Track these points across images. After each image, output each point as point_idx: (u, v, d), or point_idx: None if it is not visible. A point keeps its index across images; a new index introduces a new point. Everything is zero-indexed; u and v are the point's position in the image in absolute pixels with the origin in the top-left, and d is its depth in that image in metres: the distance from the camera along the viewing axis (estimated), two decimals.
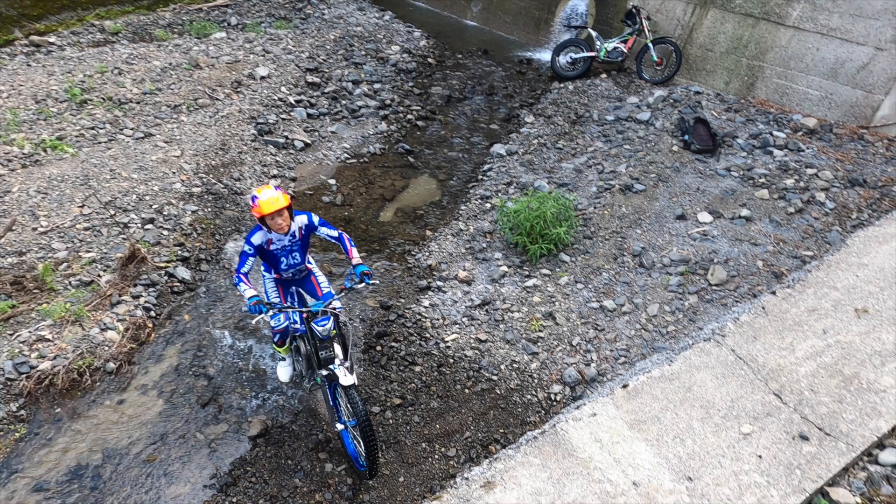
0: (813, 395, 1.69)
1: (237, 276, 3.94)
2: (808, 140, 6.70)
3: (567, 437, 1.66)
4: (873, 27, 6.69)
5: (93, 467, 4.05)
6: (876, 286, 2.04)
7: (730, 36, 7.87)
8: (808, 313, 1.95)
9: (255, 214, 3.88)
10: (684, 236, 5.61)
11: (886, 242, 2.27)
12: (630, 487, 1.50)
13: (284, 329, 4.29)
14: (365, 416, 3.53)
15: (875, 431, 1.63)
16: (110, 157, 6.43)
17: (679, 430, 1.63)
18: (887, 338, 1.84)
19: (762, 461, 1.53)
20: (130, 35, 9.54)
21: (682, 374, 1.79)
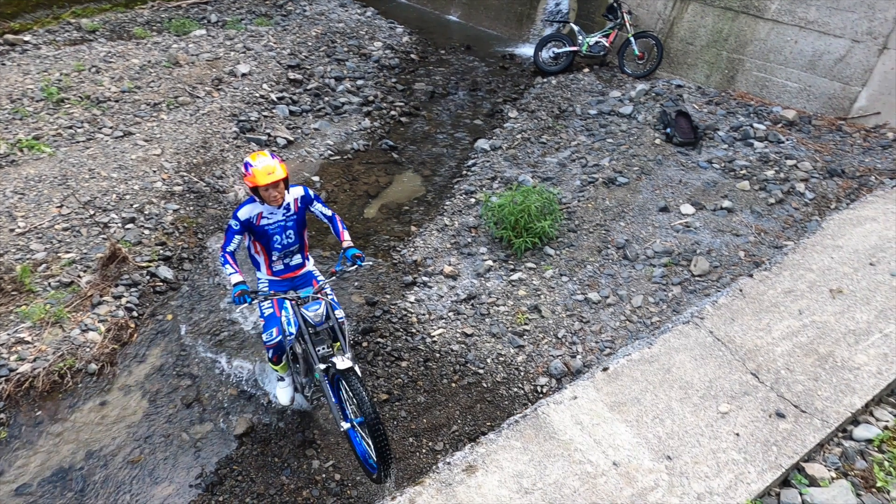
0: (789, 373, 1.73)
1: (223, 255, 3.64)
2: (787, 132, 6.80)
3: (548, 420, 1.68)
4: (850, 20, 6.81)
5: (76, 470, 4.00)
6: (850, 267, 2.08)
7: (710, 29, 7.96)
8: (784, 295, 1.98)
9: (248, 184, 3.50)
10: (667, 228, 5.67)
11: (860, 225, 2.32)
12: (610, 467, 1.52)
13: (278, 344, 3.89)
14: (373, 412, 3.15)
15: (849, 408, 1.67)
16: (89, 157, 6.34)
17: (658, 411, 1.65)
18: (861, 317, 1.88)
19: (740, 439, 1.56)
20: (108, 33, 9.41)
21: (661, 357, 1.82)
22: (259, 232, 3.67)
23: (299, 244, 3.87)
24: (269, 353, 3.97)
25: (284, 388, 4.20)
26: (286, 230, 3.74)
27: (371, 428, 3.15)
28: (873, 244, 2.20)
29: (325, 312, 3.52)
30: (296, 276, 4.02)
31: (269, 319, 3.87)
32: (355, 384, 3.28)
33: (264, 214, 3.64)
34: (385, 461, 3.18)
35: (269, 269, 3.92)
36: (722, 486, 1.48)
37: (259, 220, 3.64)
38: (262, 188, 3.47)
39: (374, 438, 3.16)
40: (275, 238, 3.72)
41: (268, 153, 3.53)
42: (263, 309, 3.87)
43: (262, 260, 3.90)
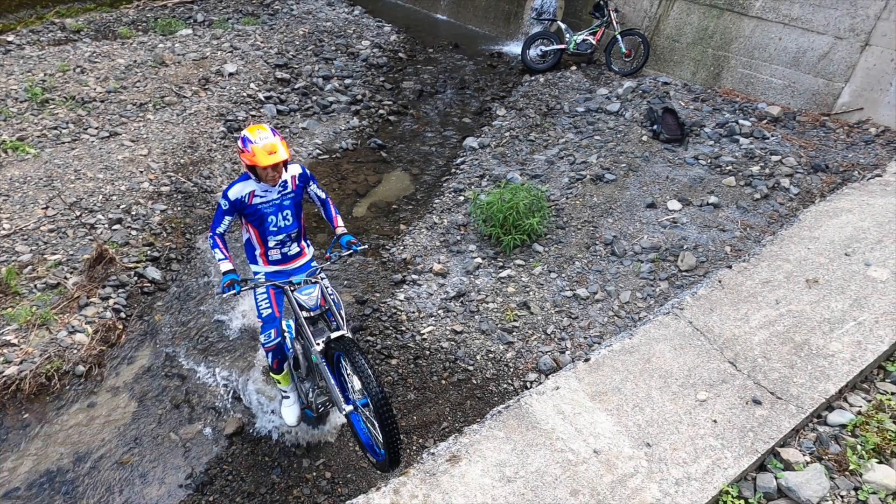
0: (766, 361, 1.77)
1: (212, 236, 3.38)
2: (772, 128, 6.89)
3: (531, 410, 1.71)
4: (832, 16, 6.90)
5: (64, 472, 3.99)
6: (826, 258, 2.14)
7: (695, 27, 8.04)
8: (762, 285, 2.03)
9: (245, 161, 3.17)
10: (655, 224, 5.73)
11: (836, 216, 2.37)
12: (591, 455, 1.56)
13: (278, 346, 3.60)
14: (379, 391, 2.79)
15: (823, 394, 1.71)
16: (74, 158, 6.30)
17: (638, 400, 1.69)
18: (836, 306, 1.93)
19: (717, 425, 1.60)
20: (93, 33, 9.35)
21: (641, 347, 1.86)
22: (251, 212, 3.36)
23: (297, 228, 3.54)
24: (268, 357, 3.67)
25: (290, 406, 3.88)
26: (282, 210, 3.41)
27: (378, 408, 2.79)
28: (849, 235, 2.25)
29: (319, 296, 3.31)
30: (295, 267, 3.69)
31: (268, 320, 3.60)
32: (358, 359, 2.93)
33: (257, 192, 3.33)
34: (394, 446, 2.82)
35: (266, 259, 3.59)
36: (699, 471, 1.53)
37: (251, 198, 3.33)
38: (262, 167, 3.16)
39: (382, 420, 2.80)
40: (269, 219, 3.40)
41: (267, 127, 3.20)
42: (261, 309, 3.58)
43: (257, 246, 3.56)
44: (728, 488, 1.51)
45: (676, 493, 1.48)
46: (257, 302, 3.61)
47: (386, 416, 2.78)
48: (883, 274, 2.04)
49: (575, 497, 1.48)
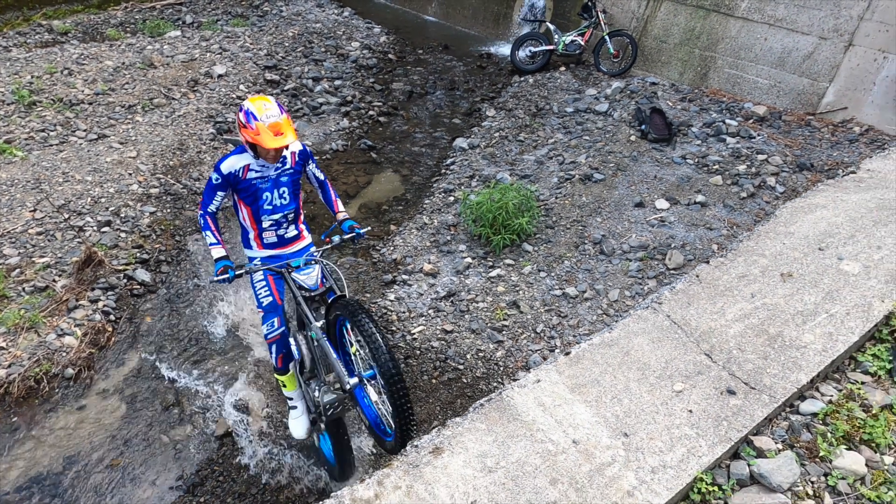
0: (740, 353, 1.83)
1: (202, 215, 3.14)
2: (758, 127, 6.99)
3: (512, 402, 1.77)
4: (817, 17, 7.02)
5: (54, 475, 4.00)
6: (800, 252, 2.20)
7: (683, 28, 8.14)
8: (738, 279, 2.09)
9: (246, 137, 2.89)
10: (643, 223, 5.80)
11: (812, 212, 2.45)
12: (570, 445, 1.61)
13: (282, 338, 3.32)
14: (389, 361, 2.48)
15: (796, 384, 1.77)
16: (62, 160, 6.30)
17: (617, 391, 1.75)
18: (809, 298, 2.00)
19: (692, 415, 1.66)
20: (80, 35, 9.33)
21: (620, 340, 1.91)
22: (245, 187, 3.09)
23: (294, 209, 3.28)
24: (271, 351, 3.38)
25: (297, 417, 3.59)
26: (278, 187, 3.14)
27: (388, 380, 2.47)
28: (823, 230, 2.32)
29: (319, 276, 3.09)
30: (293, 252, 3.45)
31: (269, 309, 3.32)
32: (366, 324, 2.57)
33: (253, 167, 3.06)
34: (406, 423, 2.47)
35: (260, 242, 3.33)
36: (675, 459, 1.58)
37: (246, 172, 3.05)
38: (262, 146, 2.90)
39: (393, 393, 2.45)
40: (264, 196, 3.12)
41: (272, 100, 2.92)
42: (261, 298, 3.31)
43: (250, 229, 3.31)
44: (702, 475, 1.56)
45: (652, 480, 1.54)
46: (256, 291, 3.34)
47: (397, 388, 2.43)
48: (855, 268, 2.10)
49: (554, 486, 1.53)
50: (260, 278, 3.34)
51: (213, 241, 3.17)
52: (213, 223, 3.20)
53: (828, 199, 2.48)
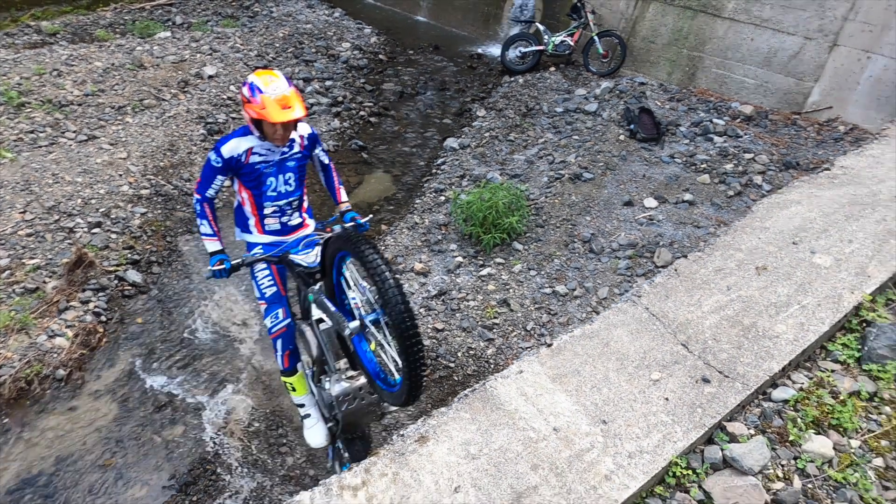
0: (715, 343, 1.91)
1: (199, 202, 2.88)
2: (745, 126, 7.11)
3: (495, 393, 1.84)
4: (802, 17, 7.15)
5: (46, 476, 4.03)
6: (775, 246, 2.29)
7: (671, 28, 8.26)
8: (714, 273, 2.18)
9: (251, 114, 2.66)
10: (632, 222, 5.89)
11: (786, 208, 2.54)
12: (551, 433, 1.68)
13: (288, 331, 3.08)
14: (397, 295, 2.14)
15: (768, 372, 1.86)
16: (52, 161, 6.32)
17: (596, 381, 1.82)
18: (782, 291, 2.08)
19: (669, 403, 1.73)
20: (69, 36, 9.33)
21: (601, 332, 1.99)
22: (247, 172, 2.87)
23: (299, 196, 3.07)
24: (276, 349, 3.12)
25: (312, 426, 3.30)
26: (284, 173, 2.92)
27: (396, 318, 2.15)
28: (797, 225, 2.41)
29: (318, 253, 2.87)
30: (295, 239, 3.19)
31: (272, 300, 3.08)
32: (369, 255, 2.25)
33: (257, 150, 2.83)
34: (416, 370, 2.19)
35: (261, 228, 3.07)
36: (651, 444, 1.66)
37: (248, 156, 2.82)
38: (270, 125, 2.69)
39: (402, 333, 2.16)
40: (268, 182, 2.90)
41: (279, 73, 2.71)
42: (263, 289, 3.06)
43: (250, 216, 3.04)
44: (677, 460, 1.64)
45: (629, 464, 1.61)
46: (257, 281, 3.09)
47: (406, 326, 2.14)
48: (826, 261, 2.19)
49: (535, 471, 1.60)
50: (262, 267, 3.08)
51: (209, 233, 2.92)
52: (211, 211, 2.93)
53: (802, 195, 2.57)
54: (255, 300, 5.36)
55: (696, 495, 1.65)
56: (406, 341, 2.13)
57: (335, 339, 2.91)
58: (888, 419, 1.83)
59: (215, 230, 2.94)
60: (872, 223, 2.40)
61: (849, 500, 1.65)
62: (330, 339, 2.91)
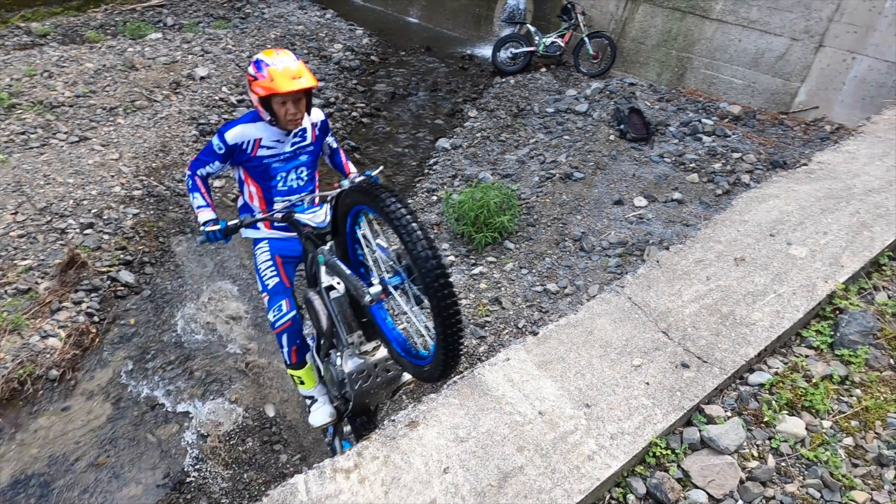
0: (695, 330, 2.00)
1: (191, 176, 2.67)
2: (733, 126, 7.24)
3: (483, 379, 1.91)
4: (788, 19, 7.29)
5: (39, 476, 4.06)
6: (753, 238, 2.39)
7: (660, 29, 8.39)
8: (695, 264, 2.27)
9: (258, 92, 2.47)
10: (622, 220, 6.00)
11: (765, 202, 2.64)
12: (536, 416, 1.77)
13: (293, 324, 2.85)
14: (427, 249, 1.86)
15: (745, 357, 1.95)
16: (44, 163, 6.36)
17: (580, 367, 1.90)
18: (759, 280, 2.18)
19: (649, 387, 1.82)
20: (60, 37, 9.36)
21: (585, 321, 2.08)
22: (255, 165, 2.68)
23: (311, 190, 2.89)
24: (282, 343, 2.88)
25: (319, 408, 3.08)
26: (296, 167, 2.75)
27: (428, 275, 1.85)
28: (774, 218, 2.51)
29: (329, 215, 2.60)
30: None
31: (275, 291, 2.87)
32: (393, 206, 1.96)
33: (265, 142, 2.63)
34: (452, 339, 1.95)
35: (269, 224, 2.90)
36: (632, 426, 1.74)
37: (256, 148, 2.63)
38: (280, 99, 2.48)
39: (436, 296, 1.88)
40: (278, 177, 2.72)
41: (289, 52, 2.57)
42: (265, 280, 2.88)
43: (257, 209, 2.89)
44: (657, 440, 1.72)
45: (611, 445, 1.70)
46: (260, 272, 2.93)
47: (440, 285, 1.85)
48: (802, 252, 2.29)
49: (521, 452, 1.68)
50: (265, 259, 2.92)
51: (202, 204, 2.68)
52: (204, 186, 2.71)
53: (780, 190, 2.68)
54: (248, 300, 5.42)
55: (675, 474, 1.73)
56: (440, 303, 1.85)
57: (348, 308, 2.60)
58: (858, 401, 1.93)
59: (209, 202, 2.71)
60: (846, 216, 2.51)
61: (819, 476, 1.74)
62: (342, 308, 2.61)
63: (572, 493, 1.62)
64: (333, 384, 2.92)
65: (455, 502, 1.61)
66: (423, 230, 1.92)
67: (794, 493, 1.70)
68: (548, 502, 1.61)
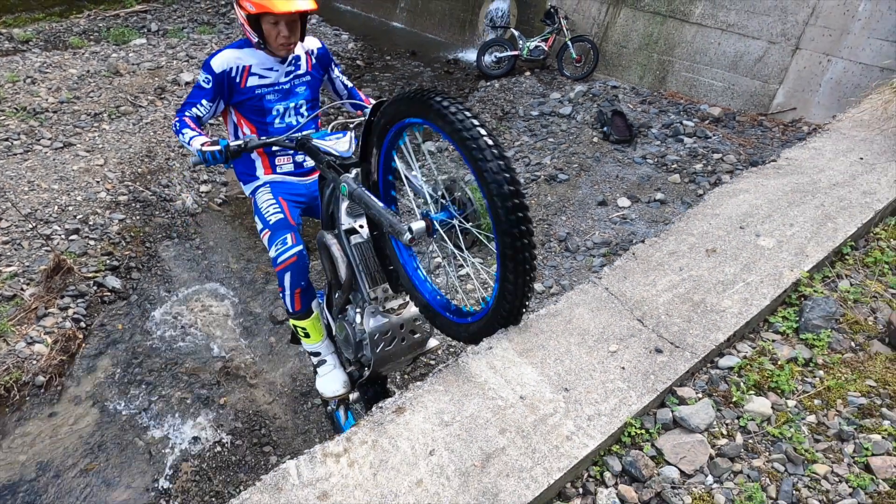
0: (668, 318, 2.12)
1: (177, 122, 2.41)
2: (714, 128, 7.44)
3: (467, 367, 2.02)
4: (766, 23, 7.52)
5: (27, 482, 4.09)
6: (724, 231, 2.52)
7: (641, 33, 8.59)
8: (668, 255, 2.39)
9: (248, 8, 2.24)
10: (606, 221, 6.14)
11: (735, 196, 2.77)
12: (518, 401, 1.87)
13: (299, 259, 2.47)
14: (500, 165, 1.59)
15: (715, 342, 2.07)
16: (28, 169, 6.38)
17: (559, 354, 2.01)
18: (729, 270, 2.30)
19: (625, 371, 1.93)
20: (42, 43, 9.37)
21: (564, 311, 2.19)
22: (246, 99, 2.44)
23: (314, 130, 2.53)
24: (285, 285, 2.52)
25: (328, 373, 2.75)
26: (293, 99, 2.51)
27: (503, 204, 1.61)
28: (744, 211, 2.65)
29: (353, 144, 2.25)
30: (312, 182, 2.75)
31: (278, 226, 2.57)
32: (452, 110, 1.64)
33: (254, 69, 2.40)
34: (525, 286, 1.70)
35: (270, 169, 2.65)
36: (608, 408, 1.85)
37: (246, 77, 2.39)
38: (272, 18, 2.26)
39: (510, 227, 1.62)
40: (274, 111, 2.49)
41: None
42: (267, 216, 2.57)
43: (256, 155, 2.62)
44: (632, 421, 1.84)
45: (588, 426, 1.80)
46: (260, 211, 2.64)
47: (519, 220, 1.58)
48: (770, 243, 2.43)
49: (503, 434, 1.79)
50: (267, 197, 2.63)
51: (194, 135, 2.34)
52: (194, 123, 2.42)
53: (750, 185, 2.81)
54: (236, 303, 5.47)
55: (649, 451, 1.84)
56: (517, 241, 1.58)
57: (373, 255, 2.28)
58: (821, 381, 2.05)
59: (200, 132, 2.37)
60: (812, 208, 2.65)
61: (784, 452, 1.86)
62: (365, 256, 2.30)
63: (552, 470, 1.72)
64: (349, 346, 2.54)
65: (440, 482, 1.71)
66: (497, 143, 1.58)
67: (760, 468, 1.82)
68: (528, 480, 1.71)
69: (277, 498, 1.74)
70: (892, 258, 2.45)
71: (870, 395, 1.99)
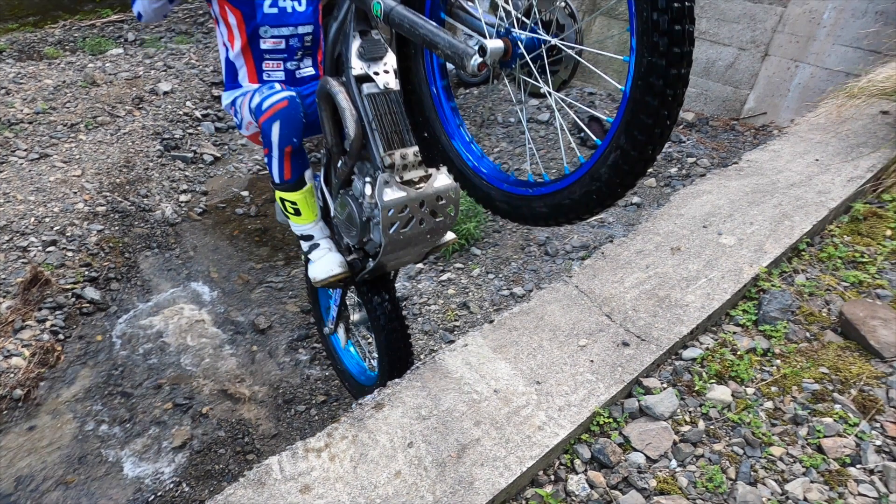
0: (635, 313, 2.24)
1: None
2: (688, 132, 7.67)
3: (443, 363, 2.11)
4: (735, 30, 7.79)
5: (6, 497, 4.09)
6: (688, 230, 2.66)
7: (616, 40, 8.82)
8: (636, 254, 2.52)
9: None
10: (584, 225, 6.30)
11: (699, 197, 2.92)
12: (492, 394, 1.97)
13: (290, 105, 1.99)
14: None
15: (679, 335, 2.20)
16: (3, 181, 6.37)
17: (532, 349, 2.12)
18: (692, 267, 2.44)
19: (594, 364, 2.05)
20: (16, 53, 9.32)
21: (536, 308, 2.30)
22: None
23: (314, 31, 2.19)
24: (272, 140, 2.01)
25: (321, 257, 2.35)
26: None
27: None
28: (707, 211, 2.80)
29: None
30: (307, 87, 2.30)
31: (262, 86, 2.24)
32: None
33: None
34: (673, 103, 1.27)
35: (256, 76, 2.25)
36: (578, 399, 1.96)
37: None
38: None
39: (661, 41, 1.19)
40: None
41: None
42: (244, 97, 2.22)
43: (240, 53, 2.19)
44: (600, 410, 1.95)
45: (559, 416, 1.91)
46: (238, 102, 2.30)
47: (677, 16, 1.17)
48: (731, 240, 2.57)
49: (478, 426, 1.89)
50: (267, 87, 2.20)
51: None
52: None
53: (713, 186, 2.96)
54: (217, 313, 5.51)
55: (617, 439, 1.96)
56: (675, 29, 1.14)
57: (394, 112, 1.84)
58: (778, 370, 2.19)
59: None
60: (770, 207, 2.81)
61: (743, 436, 1.99)
62: (380, 112, 1.83)
63: (524, 459, 1.82)
64: (352, 227, 2.05)
65: (418, 472, 1.80)
66: None
67: (720, 451, 1.94)
68: (502, 468, 1.81)
69: (261, 492, 1.82)
70: (844, 254, 2.62)
71: (822, 381, 2.13)
